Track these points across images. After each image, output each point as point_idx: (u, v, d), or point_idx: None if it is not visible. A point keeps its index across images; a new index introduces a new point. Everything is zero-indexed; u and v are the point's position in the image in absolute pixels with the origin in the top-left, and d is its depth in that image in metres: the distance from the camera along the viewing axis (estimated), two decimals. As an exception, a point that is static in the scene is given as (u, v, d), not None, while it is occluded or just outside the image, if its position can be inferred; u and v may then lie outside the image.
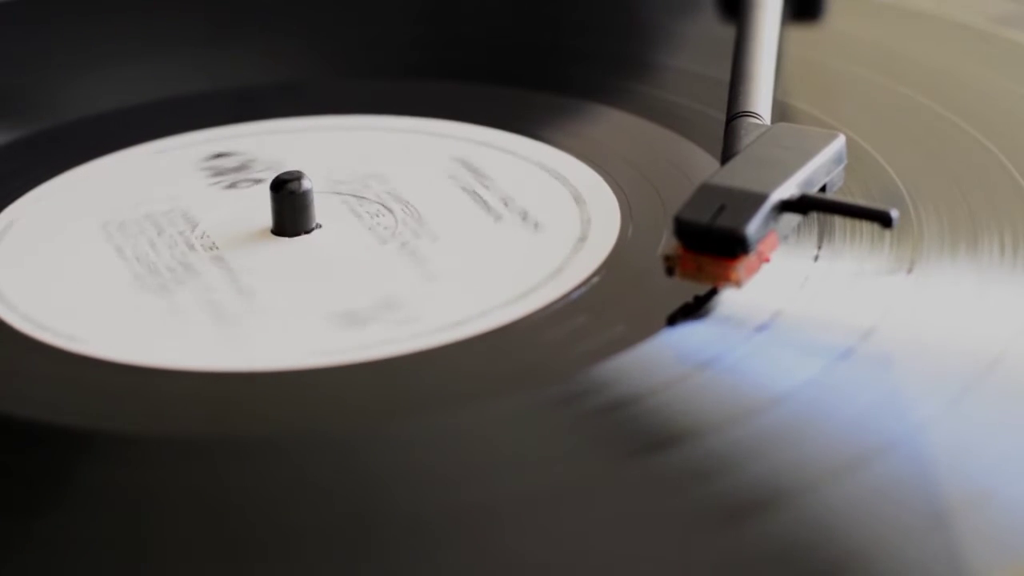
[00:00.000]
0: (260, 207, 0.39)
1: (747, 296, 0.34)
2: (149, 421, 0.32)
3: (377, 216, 0.39)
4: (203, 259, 0.37)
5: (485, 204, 0.39)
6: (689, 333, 0.33)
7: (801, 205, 0.34)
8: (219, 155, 0.42)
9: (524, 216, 0.39)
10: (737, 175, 0.34)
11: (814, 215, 0.36)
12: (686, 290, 0.34)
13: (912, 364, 0.33)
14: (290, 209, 0.38)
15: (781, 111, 0.41)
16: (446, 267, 0.37)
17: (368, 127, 0.44)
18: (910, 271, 0.35)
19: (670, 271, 0.34)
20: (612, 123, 0.43)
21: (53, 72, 0.48)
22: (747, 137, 0.37)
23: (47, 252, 0.38)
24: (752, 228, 0.33)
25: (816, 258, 0.36)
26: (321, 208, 0.39)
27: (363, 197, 0.40)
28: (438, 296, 0.35)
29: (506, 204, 0.39)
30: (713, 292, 0.34)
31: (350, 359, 0.33)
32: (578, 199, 0.39)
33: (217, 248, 0.38)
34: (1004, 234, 0.36)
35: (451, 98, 0.45)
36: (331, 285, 0.36)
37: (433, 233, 0.38)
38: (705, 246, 0.33)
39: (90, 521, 0.29)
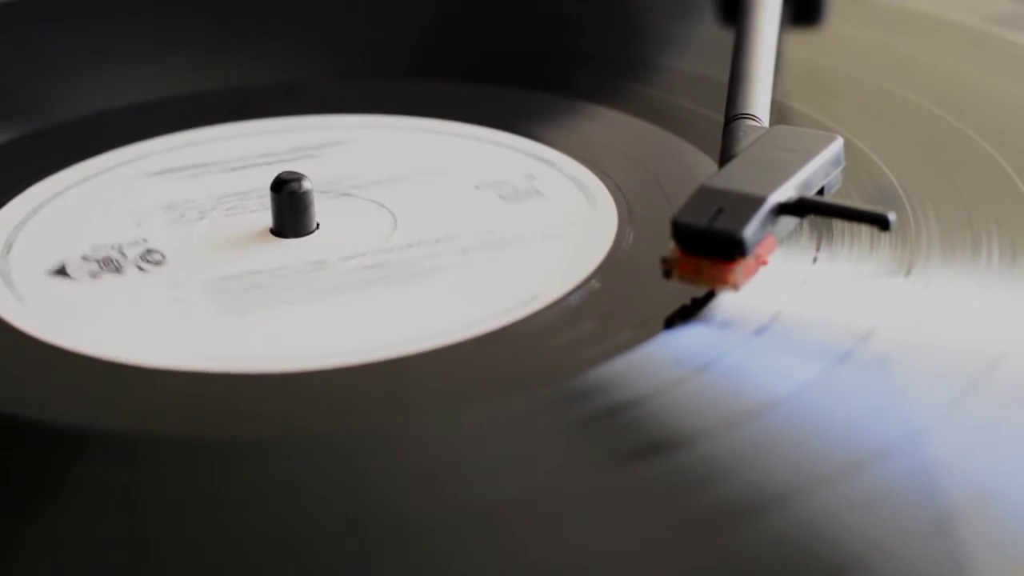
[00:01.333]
0: (260, 211, 0.39)
1: (746, 299, 0.34)
2: (148, 421, 0.32)
3: (375, 216, 0.39)
4: (203, 260, 0.37)
5: (483, 204, 0.39)
6: (687, 336, 0.33)
7: (799, 208, 0.34)
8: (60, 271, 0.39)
9: (521, 217, 0.39)
10: (735, 178, 0.34)
11: (812, 217, 0.36)
12: (684, 292, 0.34)
13: (911, 366, 0.33)
14: (291, 209, 0.38)
15: (780, 113, 0.41)
16: (444, 267, 0.37)
17: (367, 127, 0.44)
18: (908, 273, 0.35)
19: (667, 274, 0.34)
20: (611, 124, 0.43)
21: (52, 72, 0.48)
22: (745, 139, 0.37)
23: (47, 251, 0.38)
24: (749, 231, 0.33)
25: (814, 260, 0.36)
26: (321, 208, 0.39)
27: (361, 197, 0.40)
28: (436, 297, 0.35)
29: (504, 205, 0.39)
30: (711, 295, 0.34)
31: (350, 360, 0.33)
32: (577, 201, 0.39)
33: (217, 249, 0.38)
34: (1002, 236, 0.36)
35: (450, 98, 0.45)
36: (331, 284, 0.36)
37: (431, 234, 0.38)
38: (703, 249, 0.33)
39: (88, 521, 0.29)
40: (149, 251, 0.38)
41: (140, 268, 0.37)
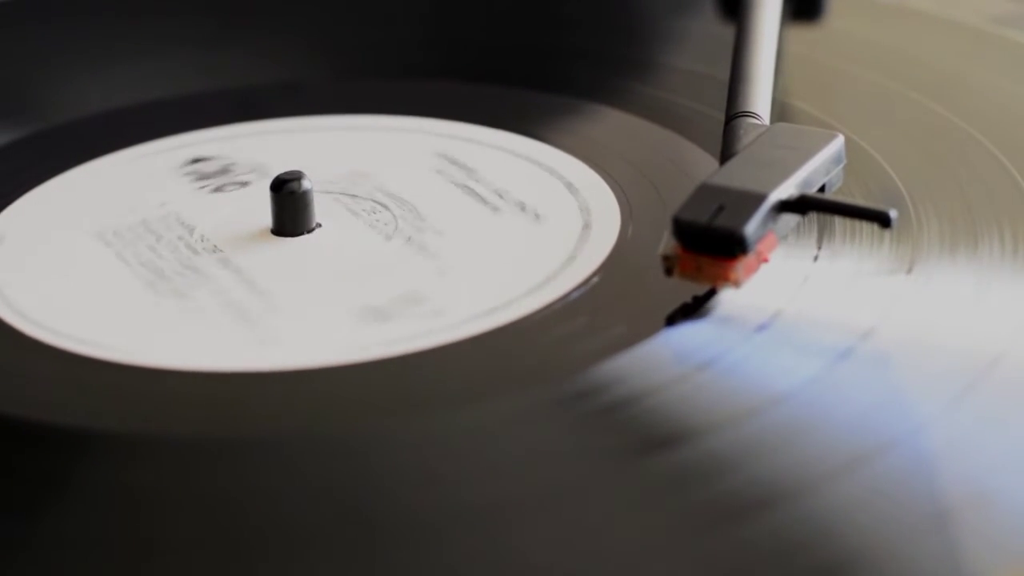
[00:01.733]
0: (255, 209, 0.39)
1: (747, 296, 0.34)
2: (148, 421, 0.32)
3: (374, 215, 0.39)
4: (203, 260, 0.37)
5: (484, 204, 0.39)
6: (688, 333, 0.33)
7: (800, 205, 0.34)
8: (198, 159, 0.42)
9: (522, 217, 0.39)
10: (736, 175, 0.34)
11: (814, 215, 0.36)
12: (686, 290, 0.34)
13: (912, 364, 0.32)
14: (291, 209, 0.38)
15: (780, 111, 0.41)
16: (444, 267, 0.37)
17: (366, 127, 0.44)
18: (910, 271, 0.35)
19: (669, 271, 0.33)
20: (611, 123, 0.43)
21: (51, 73, 0.48)
22: (746, 137, 0.37)
23: (47, 252, 0.38)
24: (751, 228, 0.33)
25: (816, 258, 0.36)
26: (319, 209, 0.39)
27: (359, 196, 0.40)
28: (436, 296, 0.35)
29: (504, 204, 0.39)
30: (712, 292, 0.34)
31: (350, 359, 0.33)
32: (578, 200, 0.39)
33: (217, 249, 0.38)
34: (1004, 233, 0.36)
35: (450, 98, 0.45)
36: (331, 284, 0.36)
37: (430, 234, 0.38)
38: (704, 246, 0.33)
39: (90, 522, 0.29)
40: (242, 184, 0.40)
41: (206, 186, 0.41)
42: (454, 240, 0.38)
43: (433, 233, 0.38)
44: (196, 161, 0.42)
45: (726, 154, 0.37)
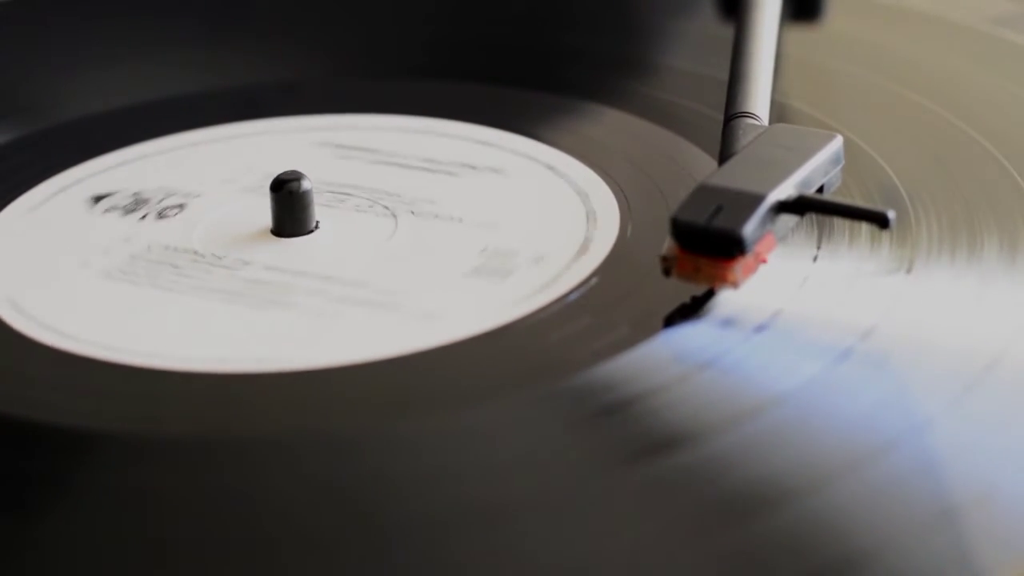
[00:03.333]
0: (256, 210, 0.39)
1: (746, 296, 0.34)
2: (149, 421, 0.32)
3: (374, 216, 0.39)
4: (205, 259, 0.37)
5: (484, 204, 0.39)
6: (687, 334, 0.33)
7: (798, 206, 0.34)
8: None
9: (521, 217, 0.39)
10: (735, 176, 0.34)
11: (813, 215, 0.36)
12: (685, 291, 0.34)
13: (911, 364, 0.32)
14: (290, 209, 0.38)
15: (779, 111, 0.41)
16: (444, 267, 0.37)
17: (366, 127, 0.44)
18: (909, 271, 0.35)
19: (667, 272, 0.33)
20: (611, 123, 0.43)
21: (49, 73, 0.48)
22: (745, 137, 0.37)
23: (47, 252, 0.38)
24: (749, 229, 0.33)
25: (815, 258, 0.36)
26: (319, 209, 0.39)
27: (359, 197, 0.40)
28: (435, 297, 0.35)
29: (504, 204, 0.39)
30: (710, 293, 0.34)
31: (349, 359, 0.33)
32: (577, 199, 0.39)
33: (217, 249, 0.38)
34: (1003, 234, 0.36)
35: (449, 98, 0.45)
36: (331, 284, 0.36)
37: (429, 234, 0.38)
38: (702, 247, 0.33)
39: (89, 522, 0.29)
40: (179, 206, 0.38)
41: (142, 216, 0.39)
42: (444, 247, 0.38)
43: (426, 239, 0.38)
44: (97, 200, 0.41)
45: (725, 154, 0.36)
